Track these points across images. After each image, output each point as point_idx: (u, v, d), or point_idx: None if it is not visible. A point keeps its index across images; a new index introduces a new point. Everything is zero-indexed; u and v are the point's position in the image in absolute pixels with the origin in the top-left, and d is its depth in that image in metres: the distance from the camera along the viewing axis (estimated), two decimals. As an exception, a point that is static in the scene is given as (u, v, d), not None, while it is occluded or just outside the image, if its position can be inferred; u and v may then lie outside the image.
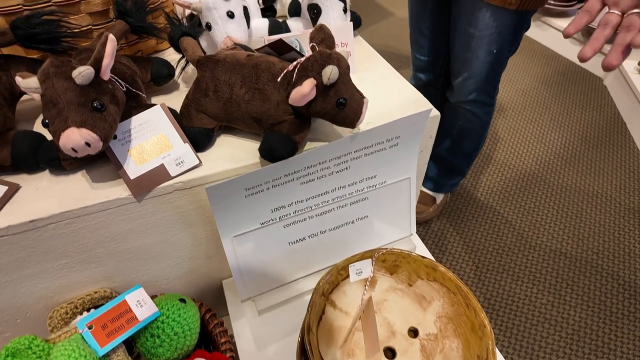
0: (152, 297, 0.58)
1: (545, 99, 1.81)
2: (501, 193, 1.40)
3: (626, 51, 0.48)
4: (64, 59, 0.41)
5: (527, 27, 0.88)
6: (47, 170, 0.49)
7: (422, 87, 1.17)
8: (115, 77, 0.46)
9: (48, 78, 0.39)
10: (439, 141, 1.21)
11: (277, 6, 0.78)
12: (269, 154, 0.48)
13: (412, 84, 1.20)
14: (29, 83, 0.39)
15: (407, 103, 0.60)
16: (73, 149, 0.39)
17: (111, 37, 0.42)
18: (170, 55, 0.70)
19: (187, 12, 0.65)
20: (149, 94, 0.60)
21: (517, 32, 0.87)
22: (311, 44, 0.48)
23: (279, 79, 0.47)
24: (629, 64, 1.78)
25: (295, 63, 0.46)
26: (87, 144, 0.40)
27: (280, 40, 0.48)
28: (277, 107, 0.48)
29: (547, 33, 2.20)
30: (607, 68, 0.48)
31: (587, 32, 2.04)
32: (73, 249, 0.49)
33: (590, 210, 1.33)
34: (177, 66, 0.59)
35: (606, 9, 0.49)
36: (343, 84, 0.45)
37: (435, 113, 0.59)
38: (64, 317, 0.52)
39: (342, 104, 0.46)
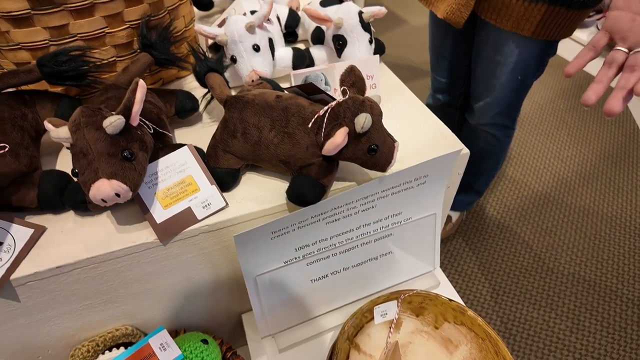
0: (173, 333, 0.57)
1: (563, 112, 1.78)
2: (518, 212, 1.37)
3: (628, 97, 0.45)
4: (94, 107, 0.40)
5: (554, 53, 0.86)
6: (71, 210, 0.49)
7: (441, 108, 1.15)
8: (143, 120, 0.45)
9: (79, 129, 0.38)
10: (456, 160, 1.19)
11: (299, 31, 0.77)
12: (298, 199, 0.47)
13: (430, 103, 1.19)
14: (59, 133, 0.39)
15: (436, 139, 0.59)
16: (103, 199, 0.39)
17: (141, 83, 0.41)
18: (192, 83, 0.69)
19: (210, 41, 0.64)
20: (172, 125, 0.59)
21: (543, 58, 0.85)
22: (342, 88, 0.46)
23: (309, 125, 0.45)
24: (649, 79, 1.74)
25: (326, 108, 0.45)
26: (117, 195, 0.39)
27: (311, 84, 0.47)
28: (307, 150, 0.47)
29: (564, 44, 2.16)
30: (608, 114, 0.46)
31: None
32: (97, 290, 0.48)
33: (609, 231, 1.30)
34: (201, 100, 0.59)
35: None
36: (375, 131, 0.44)
37: (465, 151, 0.58)
38: (86, 356, 0.52)
39: (373, 150, 0.44)
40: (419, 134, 0.60)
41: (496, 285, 1.17)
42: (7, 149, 0.44)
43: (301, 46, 0.78)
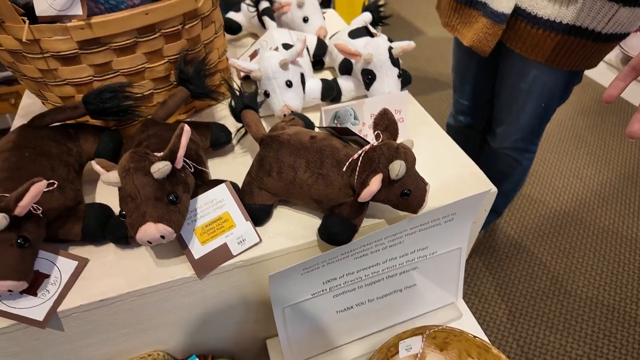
0: (201, 358, 0.59)
1: (582, 130, 1.77)
2: (536, 232, 1.37)
3: None
4: (142, 151, 0.42)
5: (579, 81, 0.86)
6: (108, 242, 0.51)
7: (462, 129, 1.16)
8: (185, 160, 0.47)
9: (128, 174, 0.40)
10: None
11: (326, 59, 0.78)
12: (330, 238, 0.48)
13: (450, 123, 1.19)
14: (109, 177, 0.41)
15: (463, 176, 0.59)
16: (149, 241, 0.41)
17: (186, 129, 0.43)
18: (222, 111, 0.71)
19: (242, 73, 0.66)
20: (205, 155, 0.61)
21: (568, 87, 0.85)
22: (376, 132, 0.48)
23: (344, 168, 0.47)
24: (672, 98, 1.71)
25: (360, 152, 0.46)
26: (162, 237, 0.41)
27: (345, 128, 0.48)
28: (339, 191, 0.48)
29: (584, 59, 2.14)
30: (630, 137, 0.43)
31: (626, 59, 1.98)
32: (134, 320, 0.50)
33: (629, 255, 1.29)
34: (235, 133, 0.60)
35: None
36: (409, 177, 0.45)
37: (494, 190, 0.58)
38: (120, 380, 0.54)
39: (406, 195, 0.45)
40: (446, 168, 0.61)
41: (513, 307, 1.17)
42: (55, 186, 0.46)
43: (328, 75, 0.79)
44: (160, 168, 0.40)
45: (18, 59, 0.52)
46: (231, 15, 0.85)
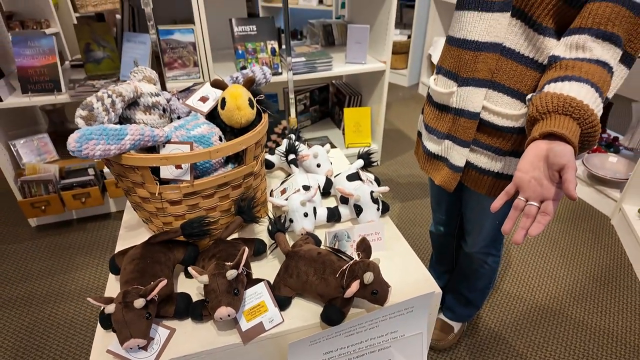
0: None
1: (556, 235, 2.04)
2: (514, 325, 1.57)
3: (525, 234, 0.67)
4: (221, 265, 0.73)
5: None
6: (190, 318, 0.79)
7: (441, 236, 1.46)
8: (243, 267, 0.78)
9: (213, 276, 0.71)
10: (457, 278, 1.46)
11: (332, 191, 1.13)
12: (328, 321, 0.76)
13: (432, 230, 1.50)
14: (202, 279, 0.71)
15: (419, 281, 0.88)
16: (221, 318, 0.70)
17: (245, 249, 0.75)
18: (258, 227, 1.04)
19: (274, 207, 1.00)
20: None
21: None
22: (357, 252, 0.79)
23: (337, 275, 0.77)
24: (630, 210, 2.00)
25: (346, 265, 0.77)
26: (229, 315, 0.70)
27: (340, 250, 0.79)
28: (335, 289, 0.77)
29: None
30: (514, 243, 0.71)
31: (593, 176, 2.32)
32: (199, 373, 0.76)
33: (597, 349, 1.47)
34: (269, 247, 0.92)
35: None
36: (376, 282, 0.74)
37: (438, 291, 0.86)
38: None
39: (375, 293, 0.74)
40: (407, 274, 0.90)
41: (493, 394, 1.33)
42: (166, 282, 0.77)
43: (333, 202, 1.13)
44: (232, 274, 0.71)
45: (145, 201, 0.87)
46: (268, 157, 1.23)
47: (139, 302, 0.68)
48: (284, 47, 2.07)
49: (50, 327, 1.58)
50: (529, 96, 0.82)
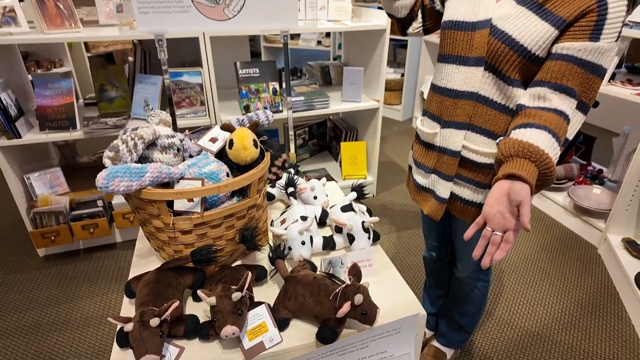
0: None
1: (545, 264, 2.12)
2: (505, 351, 1.62)
3: (491, 259, 0.78)
4: (227, 288, 0.82)
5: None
6: (198, 338, 0.87)
7: (433, 262, 1.54)
8: (246, 290, 0.86)
9: (220, 298, 0.80)
10: (449, 304, 1.53)
11: (327, 221, 1.23)
12: (322, 340, 0.84)
13: (425, 256, 1.59)
14: (210, 301, 0.80)
15: (406, 304, 0.96)
16: (226, 336, 0.78)
17: (248, 274, 0.84)
18: (259, 255, 1.13)
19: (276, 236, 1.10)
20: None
21: None
22: (349, 276, 0.88)
23: (331, 297, 0.85)
24: (614, 239, 2.09)
25: (338, 289, 0.85)
26: (234, 333, 0.78)
27: (333, 274, 0.88)
28: (329, 311, 0.86)
29: (545, 203, 2.61)
30: (483, 267, 0.81)
31: (578, 207, 2.42)
32: (204, 389, 0.83)
33: (585, 376, 1.52)
34: (270, 273, 1.01)
35: None
36: (366, 303, 0.83)
37: (423, 313, 0.95)
38: None
39: (364, 314, 0.83)
40: (395, 297, 0.98)
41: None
42: (178, 304, 0.85)
43: (328, 231, 1.23)
44: (236, 296, 0.80)
45: (159, 231, 0.97)
46: (269, 189, 1.34)
47: (155, 321, 0.77)
48: (284, 86, 2.23)
49: (56, 355, 1.63)
50: (497, 140, 0.94)
